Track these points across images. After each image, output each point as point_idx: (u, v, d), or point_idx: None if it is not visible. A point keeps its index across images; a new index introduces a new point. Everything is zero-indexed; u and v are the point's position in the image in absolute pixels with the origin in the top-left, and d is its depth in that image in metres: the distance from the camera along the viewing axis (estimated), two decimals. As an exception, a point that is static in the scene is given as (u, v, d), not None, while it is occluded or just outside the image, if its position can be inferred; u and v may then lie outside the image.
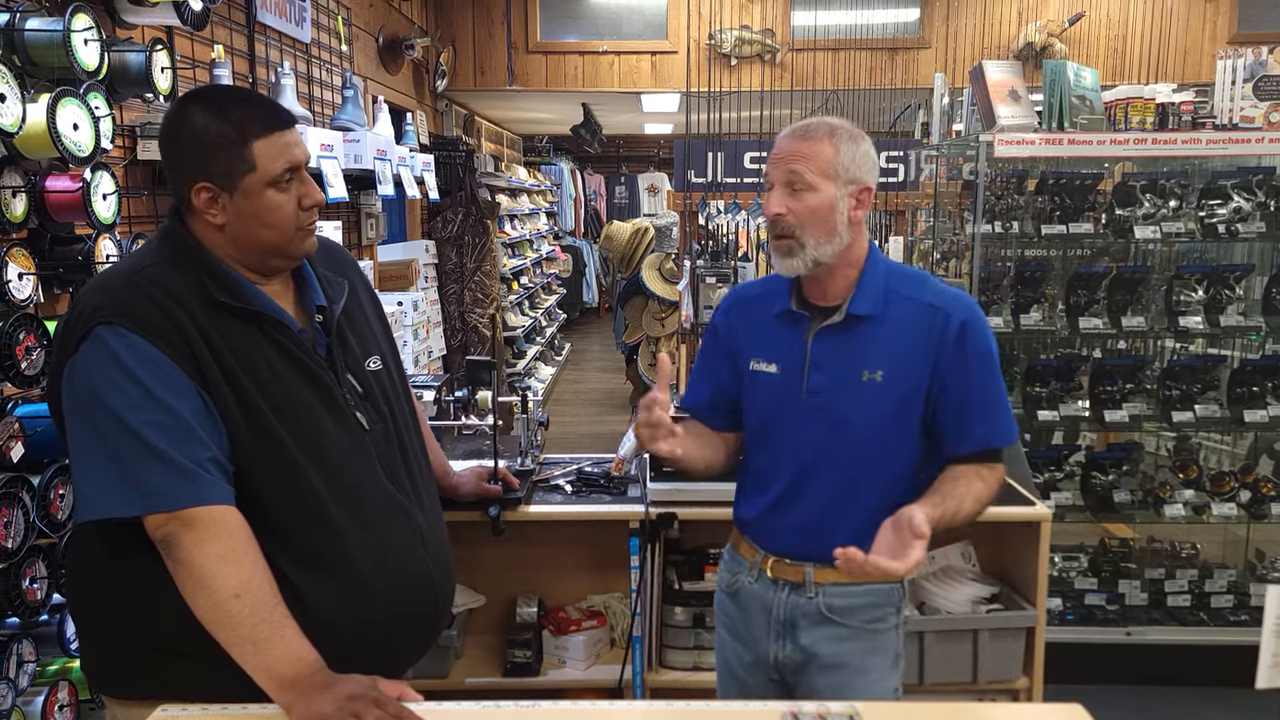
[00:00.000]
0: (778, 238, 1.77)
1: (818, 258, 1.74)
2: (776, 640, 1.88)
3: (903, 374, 1.77)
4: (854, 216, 1.76)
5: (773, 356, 1.84)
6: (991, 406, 1.80)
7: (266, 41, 3.58)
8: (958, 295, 1.83)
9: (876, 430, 1.78)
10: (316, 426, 1.60)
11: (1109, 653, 3.55)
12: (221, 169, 1.55)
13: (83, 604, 1.66)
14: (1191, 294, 3.57)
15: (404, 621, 1.68)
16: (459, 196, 6.19)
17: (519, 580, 2.83)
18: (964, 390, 1.77)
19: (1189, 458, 3.73)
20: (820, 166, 1.73)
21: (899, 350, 1.77)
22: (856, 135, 1.78)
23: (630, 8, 6.69)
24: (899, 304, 1.79)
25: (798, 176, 1.73)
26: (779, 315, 1.85)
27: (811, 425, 1.79)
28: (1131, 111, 3.53)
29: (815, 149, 1.73)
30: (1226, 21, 6.37)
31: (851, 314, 1.78)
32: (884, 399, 1.77)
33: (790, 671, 1.89)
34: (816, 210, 1.73)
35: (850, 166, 1.74)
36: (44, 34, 2.06)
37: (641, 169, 13.95)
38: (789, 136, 1.78)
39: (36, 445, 2.03)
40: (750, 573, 1.91)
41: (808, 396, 1.79)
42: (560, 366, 10.00)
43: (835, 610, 1.84)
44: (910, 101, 5.72)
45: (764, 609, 1.89)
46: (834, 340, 1.79)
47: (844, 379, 1.78)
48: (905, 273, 1.87)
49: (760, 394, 1.86)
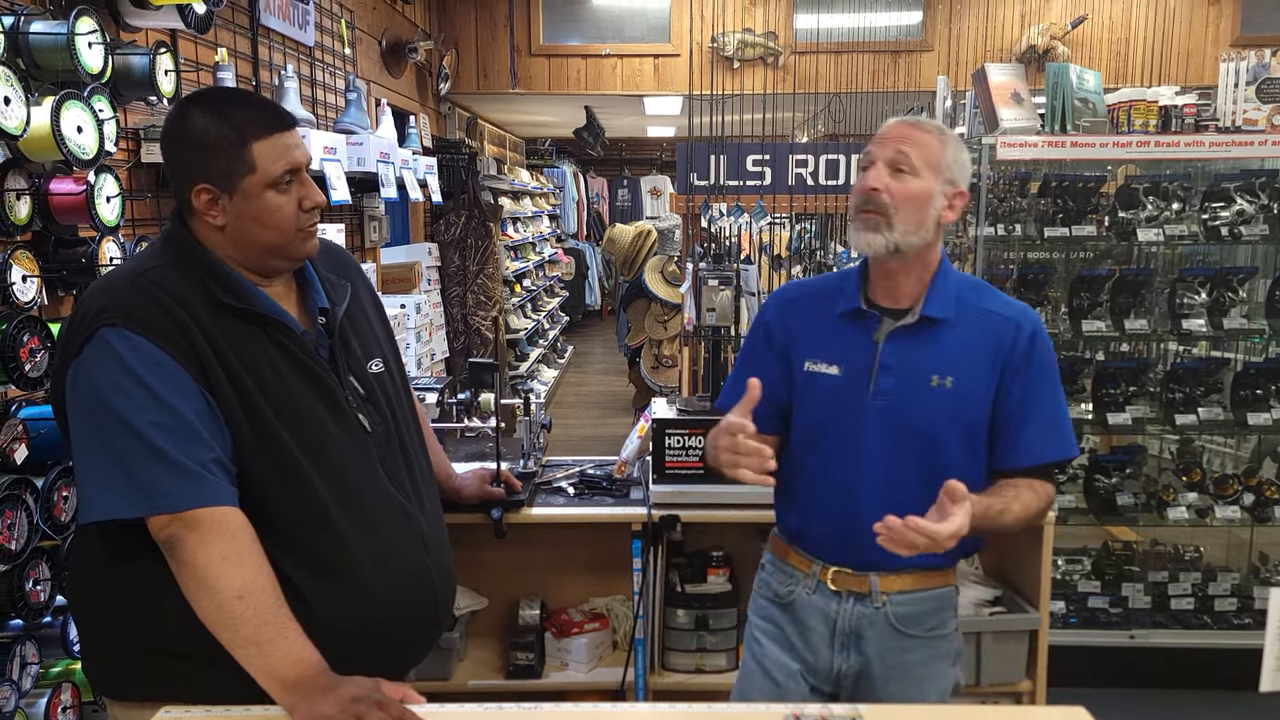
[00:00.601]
0: (866, 212, 1.74)
1: (900, 243, 1.72)
2: (841, 651, 1.85)
3: (972, 381, 1.77)
4: (944, 217, 1.76)
5: (834, 357, 1.81)
6: (1054, 420, 1.80)
7: (270, 44, 3.58)
8: (1024, 307, 1.84)
9: (944, 435, 1.77)
10: (319, 429, 1.60)
11: (1112, 656, 3.55)
12: (221, 170, 1.56)
13: (85, 606, 1.66)
14: (1194, 297, 3.56)
15: (405, 624, 1.68)
16: (462, 199, 6.20)
17: (521, 582, 2.83)
18: (1029, 403, 1.78)
19: (1192, 461, 3.73)
20: (927, 156, 1.73)
21: (969, 357, 1.77)
22: (961, 142, 1.78)
23: (633, 11, 6.69)
24: (968, 311, 1.79)
25: (905, 158, 1.72)
26: (843, 315, 1.82)
27: (876, 429, 1.77)
28: (1134, 114, 3.53)
29: (926, 139, 1.74)
30: (1229, 24, 6.36)
31: (925, 316, 1.77)
32: (953, 404, 1.76)
33: (849, 682, 1.87)
34: (915, 196, 1.72)
35: (953, 166, 1.75)
36: (48, 37, 2.06)
37: (644, 172, 13.95)
38: (901, 121, 1.78)
39: (40, 447, 2.03)
40: (807, 584, 1.88)
41: (874, 399, 1.77)
42: (563, 369, 10.00)
43: (902, 619, 1.83)
44: (913, 104, 5.72)
45: (825, 620, 1.86)
46: (905, 343, 1.78)
47: (913, 383, 1.76)
48: (970, 280, 1.88)
49: (818, 396, 1.82)
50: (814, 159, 4.25)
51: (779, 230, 4.97)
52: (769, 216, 4.30)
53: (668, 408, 2.69)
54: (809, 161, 4.26)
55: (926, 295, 1.78)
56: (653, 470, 2.58)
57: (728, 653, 2.64)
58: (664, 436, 2.55)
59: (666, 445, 2.55)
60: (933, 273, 1.80)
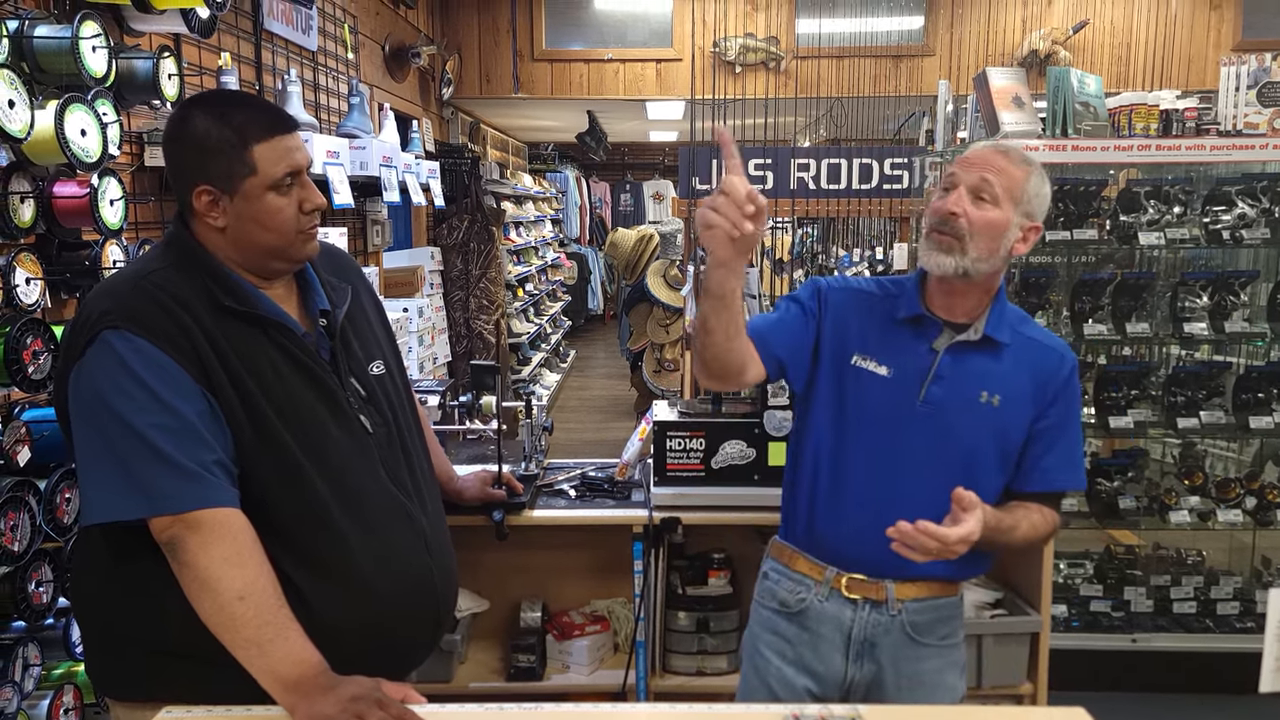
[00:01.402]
0: (941, 233, 1.75)
1: (970, 268, 1.73)
2: (854, 661, 1.85)
3: (1017, 403, 1.80)
4: (1015, 249, 1.77)
5: (886, 359, 1.81)
6: (1073, 452, 1.86)
7: (273, 49, 3.60)
8: (1064, 342, 1.89)
9: (982, 451, 1.80)
10: (320, 430, 1.61)
11: (1114, 659, 3.54)
12: (222, 172, 1.57)
13: (87, 607, 1.66)
14: (1196, 300, 3.56)
15: (406, 624, 1.68)
16: (464, 204, 6.21)
17: (523, 585, 2.83)
18: (1055, 433, 1.82)
19: (1194, 464, 3.73)
20: (1009, 186, 1.73)
21: (1017, 380, 1.80)
22: (1045, 176, 1.79)
23: (635, 16, 6.71)
24: (1018, 337, 1.83)
25: (988, 185, 1.73)
26: (905, 320, 1.82)
27: (918, 435, 1.78)
28: (1135, 118, 3.53)
29: (1011, 169, 1.74)
30: (1230, 29, 6.37)
31: (988, 336, 1.80)
32: (997, 422, 1.79)
33: (860, 692, 1.86)
34: (992, 225, 1.73)
35: (1034, 199, 1.76)
36: (52, 41, 2.07)
37: (646, 176, 13.97)
38: (990, 147, 1.79)
39: (43, 449, 2.04)
40: (819, 591, 1.86)
41: (922, 405, 1.78)
42: (565, 373, 10.01)
43: (917, 628, 1.84)
44: (914, 109, 5.72)
45: (839, 628, 1.85)
46: (962, 356, 1.80)
47: (962, 396, 1.78)
48: (1014, 308, 1.90)
49: (863, 395, 1.81)
50: (816, 163, 4.27)
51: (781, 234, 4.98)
52: (771, 220, 4.32)
53: (669, 410, 2.69)
54: (811, 166, 4.28)
55: (989, 316, 1.81)
56: (654, 472, 2.58)
57: (729, 655, 2.64)
58: (665, 439, 2.55)
59: (668, 448, 2.55)
60: (993, 295, 1.82)
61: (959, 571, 1.85)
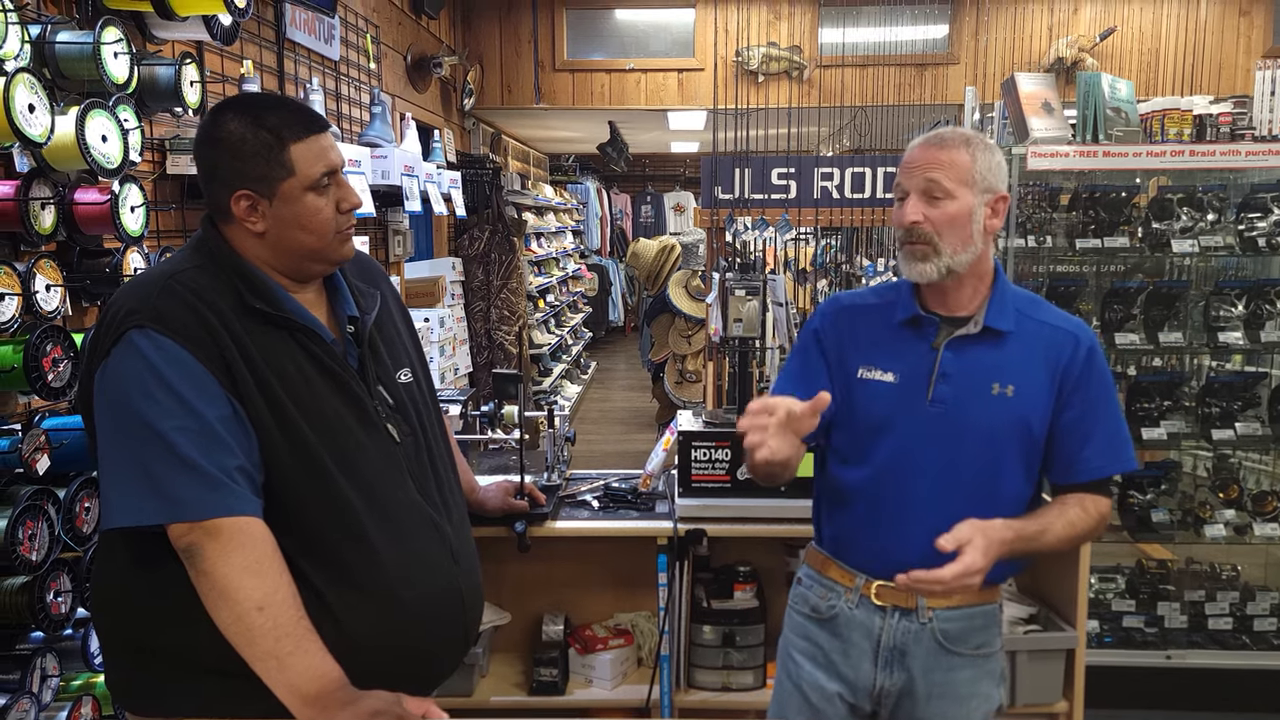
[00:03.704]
0: (911, 243, 1.73)
1: (952, 265, 1.71)
2: (884, 669, 1.81)
3: (1032, 391, 1.75)
4: (989, 226, 1.74)
5: (890, 365, 1.79)
6: (1115, 434, 1.79)
7: (295, 58, 3.59)
8: (1079, 321, 1.82)
9: (1002, 445, 1.75)
10: (348, 437, 1.58)
11: (1149, 677, 3.47)
12: (260, 175, 1.55)
13: (108, 618, 1.63)
14: (1231, 309, 3.50)
15: (433, 638, 1.65)
16: (486, 214, 6.21)
17: (545, 597, 2.79)
18: (1089, 419, 1.76)
19: (1229, 477, 3.65)
20: (958, 174, 1.71)
21: (1030, 367, 1.75)
22: (990, 145, 1.76)
23: (657, 25, 6.70)
24: (1026, 322, 1.78)
25: (936, 184, 1.70)
26: (902, 323, 1.80)
27: (932, 436, 1.74)
28: (1168, 123, 3.48)
29: (952, 157, 1.71)
30: (1260, 35, 6.30)
31: (988, 326, 1.76)
32: (1014, 413, 1.74)
33: (891, 700, 1.83)
34: (955, 218, 1.70)
35: (987, 175, 1.73)
36: (74, 46, 2.07)
37: (667, 188, 13.96)
38: (923, 145, 1.76)
39: (62, 458, 2.02)
40: (850, 598, 1.84)
41: (932, 405, 1.74)
42: (586, 385, 9.99)
43: (949, 637, 1.79)
44: (940, 117, 5.68)
45: (868, 636, 1.82)
46: (965, 351, 1.76)
47: (973, 390, 1.74)
48: (1024, 293, 1.86)
49: (873, 403, 1.79)
50: (839, 172, 4.22)
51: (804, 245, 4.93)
52: (794, 230, 4.27)
53: (694, 420, 2.65)
54: (834, 175, 4.23)
55: (988, 305, 1.77)
56: (678, 484, 2.54)
57: (755, 670, 2.59)
58: (690, 449, 2.51)
59: (693, 458, 2.51)
60: (989, 283, 1.79)
61: (990, 576, 1.77)
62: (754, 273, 2.92)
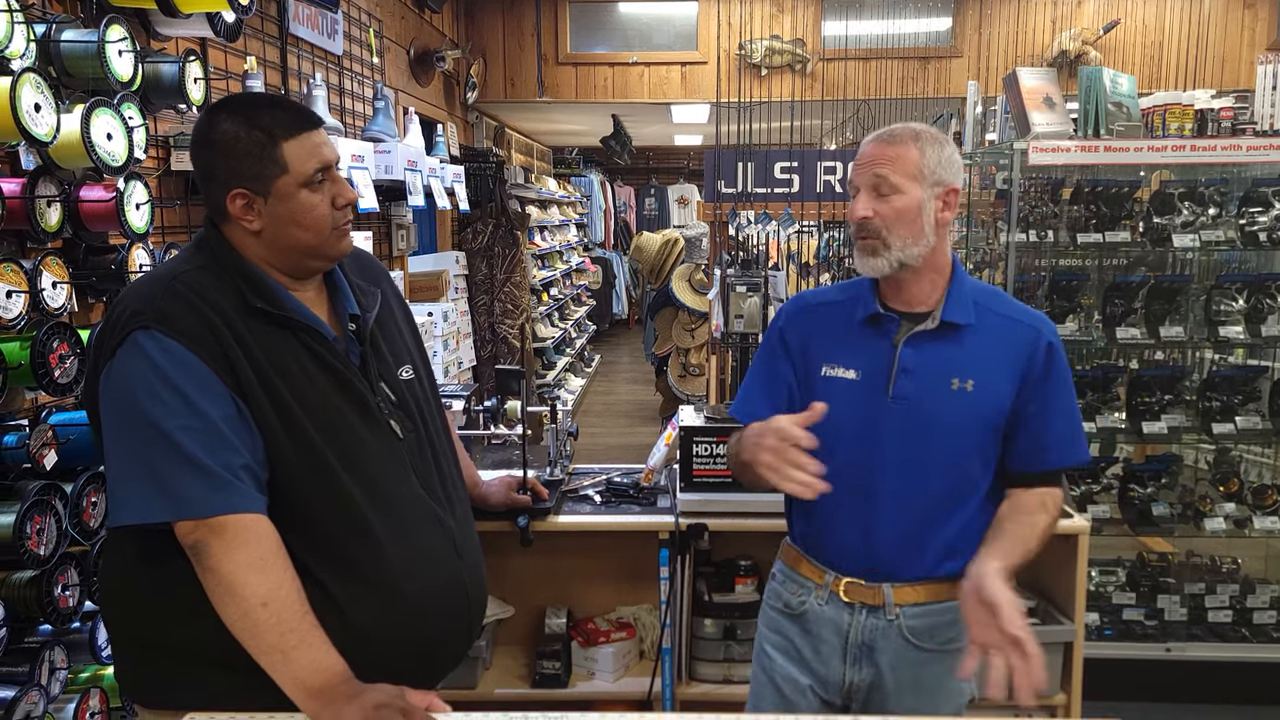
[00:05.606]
0: (863, 238, 1.76)
1: (903, 259, 1.73)
2: (853, 665, 1.83)
3: (992, 385, 1.76)
4: (941, 219, 1.75)
5: (852, 362, 1.80)
6: (1071, 428, 1.81)
7: (299, 53, 3.60)
8: (1040, 314, 1.84)
9: (964, 439, 1.76)
10: (351, 434, 1.60)
11: (1148, 669, 3.48)
12: (254, 174, 1.56)
13: (115, 613, 1.65)
14: (1232, 303, 3.50)
15: (439, 631, 1.67)
16: (489, 208, 6.21)
17: (548, 591, 2.81)
18: (1048, 410, 1.78)
19: (1230, 470, 3.66)
20: (906, 169, 1.72)
21: (990, 361, 1.77)
22: (940, 138, 1.77)
23: (660, 19, 6.70)
24: (987, 316, 1.79)
25: (883, 180, 1.72)
26: (863, 321, 1.82)
27: (894, 432, 1.76)
28: (1170, 118, 3.47)
29: (900, 152, 1.73)
30: (1265, 28, 6.28)
31: (946, 321, 1.77)
32: (974, 408, 1.75)
33: (861, 695, 1.85)
34: (904, 212, 1.72)
35: (936, 169, 1.74)
36: (79, 45, 2.08)
37: (671, 180, 13.96)
38: (873, 141, 1.78)
39: (69, 453, 2.04)
40: (819, 594, 1.85)
41: (893, 402, 1.76)
42: (590, 378, 10.00)
43: (916, 632, 1.80)
44: (942, 110, 5.68)
45: (837, 632, 1.84)
46: (924, 346, 1.77)
47: (933, 386, 1.76)
48: (984, 286, 1.87)
49: (835, 400, 1.78)
50: (842, 166, 4.23)
51: (807, 238, 4.94)
52: (796, 224, 4.28)
53: (695, 415, 2.66)
54: (837, 168, 4.24)
55: (945, 300, 1.78)
56: (680, 478, 2.56)
57: (756, 663, 2.61)
58: (691, 444, 2.53)
59: (694, 453, 2.53)
60: (947, 277, 1.80)
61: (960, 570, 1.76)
62: (755, 268, 2.93)
